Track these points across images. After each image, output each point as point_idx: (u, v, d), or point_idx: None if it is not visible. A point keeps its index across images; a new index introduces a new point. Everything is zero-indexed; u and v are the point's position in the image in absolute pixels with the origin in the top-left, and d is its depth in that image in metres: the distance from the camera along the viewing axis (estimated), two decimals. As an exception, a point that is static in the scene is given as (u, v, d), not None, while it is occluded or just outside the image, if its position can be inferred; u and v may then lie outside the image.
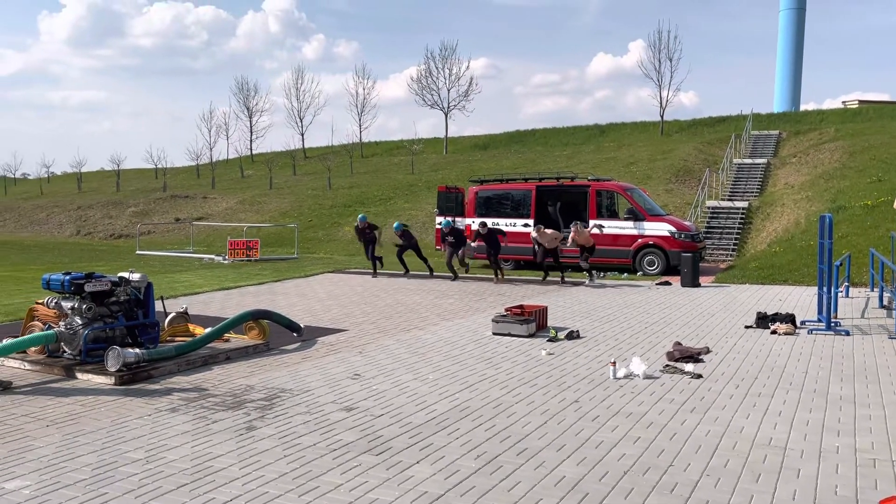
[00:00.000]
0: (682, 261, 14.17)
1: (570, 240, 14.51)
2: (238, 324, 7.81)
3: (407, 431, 4.87)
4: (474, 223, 18.26)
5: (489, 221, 15.99)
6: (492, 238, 14.70)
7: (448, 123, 46.03)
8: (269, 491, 3.81)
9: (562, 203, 19.02)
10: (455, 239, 15.49)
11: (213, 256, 21.14)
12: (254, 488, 3.85)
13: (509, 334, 8.49)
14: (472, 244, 14.95)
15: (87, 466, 4.18)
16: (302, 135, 53.06)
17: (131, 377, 6.23)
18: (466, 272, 15.99)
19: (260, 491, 3.81)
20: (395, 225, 16.56)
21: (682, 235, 16.48)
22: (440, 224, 18.87)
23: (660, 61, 38.80)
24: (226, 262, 19.75)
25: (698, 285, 13.86)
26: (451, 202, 19.03)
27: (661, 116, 39.40)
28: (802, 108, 48.29)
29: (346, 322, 9.57)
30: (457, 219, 18.77)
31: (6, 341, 6.64)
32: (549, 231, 14.46)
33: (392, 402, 5.61)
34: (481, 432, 4.85)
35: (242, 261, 19.80)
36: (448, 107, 45.98)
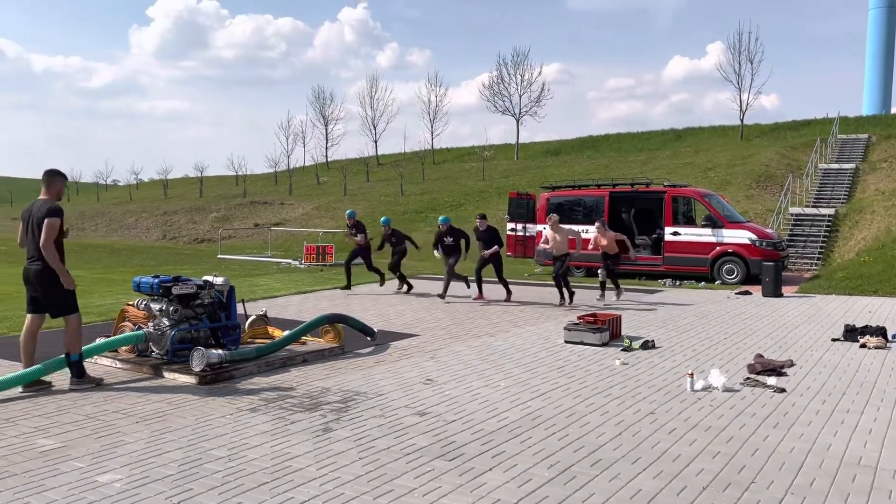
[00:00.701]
0: (764, 270, 13.68)
1: (591, 241, 12.97)
2: (315, 327, 8.00)
3: (479, 438, 4.88)
4: (545, 229, 18.16)
5: (564, 228, 15.78)
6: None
7: (519, 129, 45.92)
8: (344, 492, 3.89)
9: (636, 210, 18.68)
10: (454, 241, 12.62)
11: (290, 261, 21.72)
12: (330, 489, 3.94)
13: (582, 343, 8.39)
14: (544, 246, 12.62)
15: (174, 462, 4.36)
16: (375, 142, 53.99)
17: (214, 377, 6.47)
18: (467, 287, 13.02)
19: (336, 492, 3.90)
20: (382, 220, 14.79)
21: (764, 243, 15.91)
22: (513, 230, 18.81)
23: (740, 63, 37.69)
24: (302, 266, 20.26)
25: (781, 295, 13.35)
26: (522, 208, 18.97)
27: (741, 120, 38.20)
28: (894, 110, 45.86)
29: (417, 327, 9.67)
30: (528, 225, 18.66)
31: (99, 340, 7.01)
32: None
33: (464, 409, 5.63)
34: (554, 441, 4.82)
35: (318, 265, 20.27)
36: (519, 113, 45.87)
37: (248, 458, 4.45)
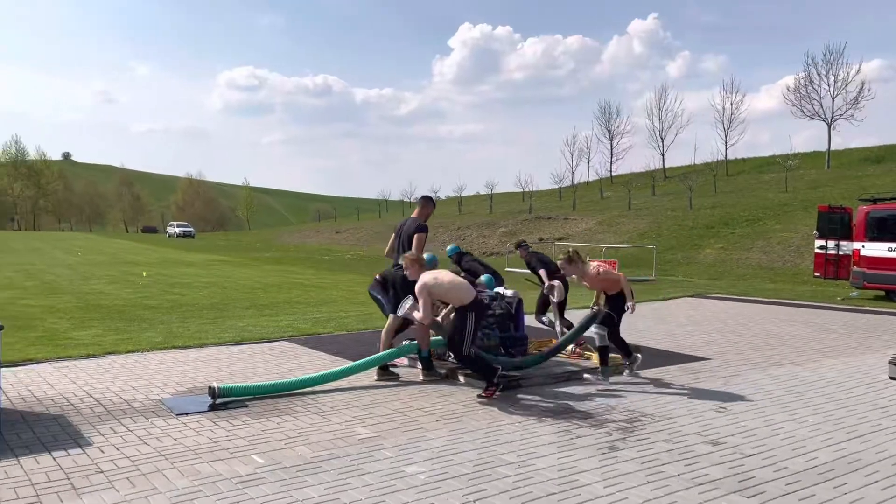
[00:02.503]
0: None
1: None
2: (576, 336, 7.81)
3: (783, 477, 4.44)
4: (864, 248, 15.95)
5: (884, 246, 13.75)
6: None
7: (831, 135, 41.06)
8: (632, 514, 3.82)
9: None
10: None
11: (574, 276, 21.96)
12: (618, 509, 3.89)
13: (913, 380, 7.20)
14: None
15: (469, 462, 4.66)
16: (662, 154, 52.33)
17: (504, 384, 6.78)
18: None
19: (624, 513, 3.84)
20: (449, 248, 9.71)
21: None
22: (822, 248, 16.91)
23: None
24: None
25: None
26: (834, 224, 16.90)
27: None
28: None
29: (708, 350, 9.12)
30: (841, 242, 16.60)
31: (405, 343, 7.76)
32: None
33: (764, 443, 5.17)
34: (876, 491, 4.20)
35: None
36: (832, 116, 41.05)
37: (536, 466, 4.59)
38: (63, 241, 49.74)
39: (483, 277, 8.51)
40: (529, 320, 8.93)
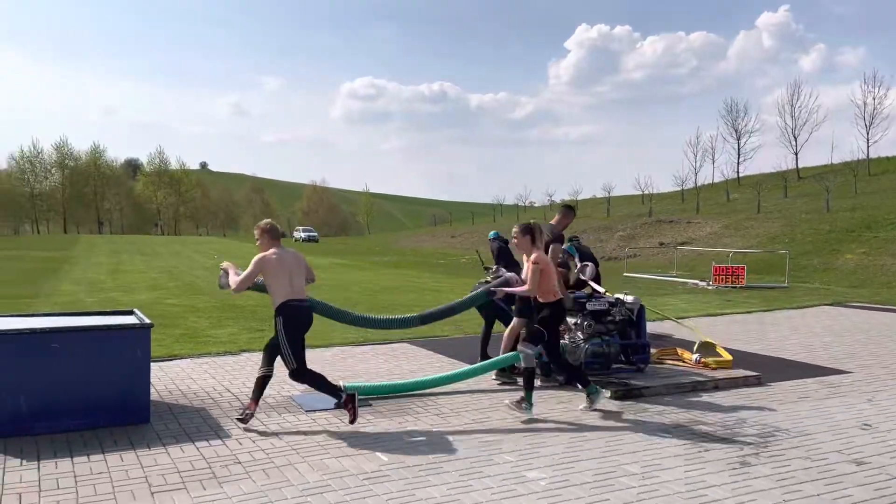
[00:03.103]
0: None
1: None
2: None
3: (939, 503, 4.08)
4: None
5: None
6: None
7: None
8: (767, 534, 3.63)
9: None
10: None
11: (696, 281, 21.08)
12: (750, 527, 3.72)
13: None
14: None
15: (590, 471, 4.60)
16: (796, 154, 49.32)
17: (625, 393, 6.63)
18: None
19: (757, 532, 3.66)
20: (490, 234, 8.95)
21: None
22: None
23: None
24: (710, 287, 19.48)
25: None
26: None
27: None
28: None
29: (850, 363, 8.49)
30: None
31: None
32: None
33: (916, 465, 4.77)
34: None
35: (727, 287, 19.26)
36: None
37: (661, 479, 4.46)
38: (201, 245, 53.31)
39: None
40: (652, 327, 8.68)
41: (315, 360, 8.31)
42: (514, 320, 7.27)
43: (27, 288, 17.36)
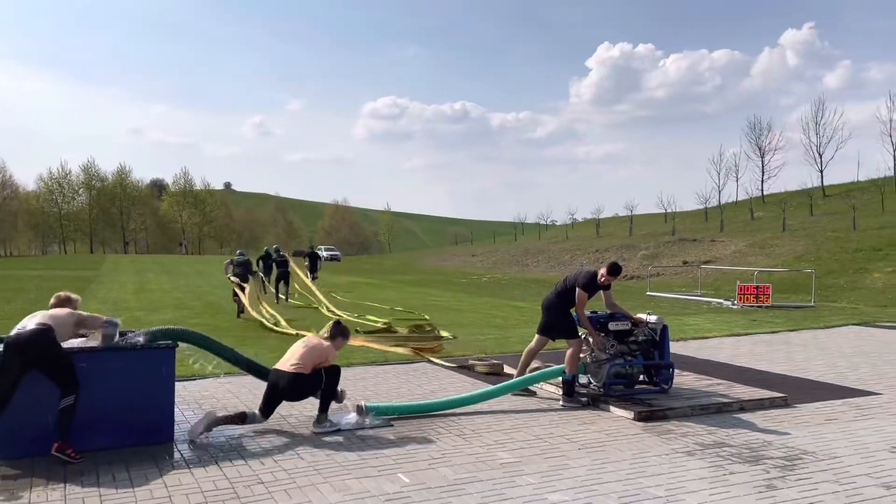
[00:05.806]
0: None
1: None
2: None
3: (973, 530, 3.98)
4: None
5: None
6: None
7: None
8: (795, 560, 3.56)
9: None
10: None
11: (721, 301, 20.85)
12: (777, 553, 3.65)
13: None
14: None
15: (614, 493, 4.55)
16: (821, 171, 48.81)
17: (649, 414, 6.56)
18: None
19: (785, 558, 3.59)
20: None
21: None
22: None
23: None
24: (735, 307, 19.26)
25: None
26: None
27: None
28: None
29: (878, 384, 8.34)
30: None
31: (546, 369, 7.72)
32: None
33: (949, 490, 4.66)
34: None
35: (752, 307, 19.02)
36: None
37: (686, 502, 4.40)
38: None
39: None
40: (676, 347, 8.60)
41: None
42: (536, 338, 7.42)
43: (55, 307, 17.64)
